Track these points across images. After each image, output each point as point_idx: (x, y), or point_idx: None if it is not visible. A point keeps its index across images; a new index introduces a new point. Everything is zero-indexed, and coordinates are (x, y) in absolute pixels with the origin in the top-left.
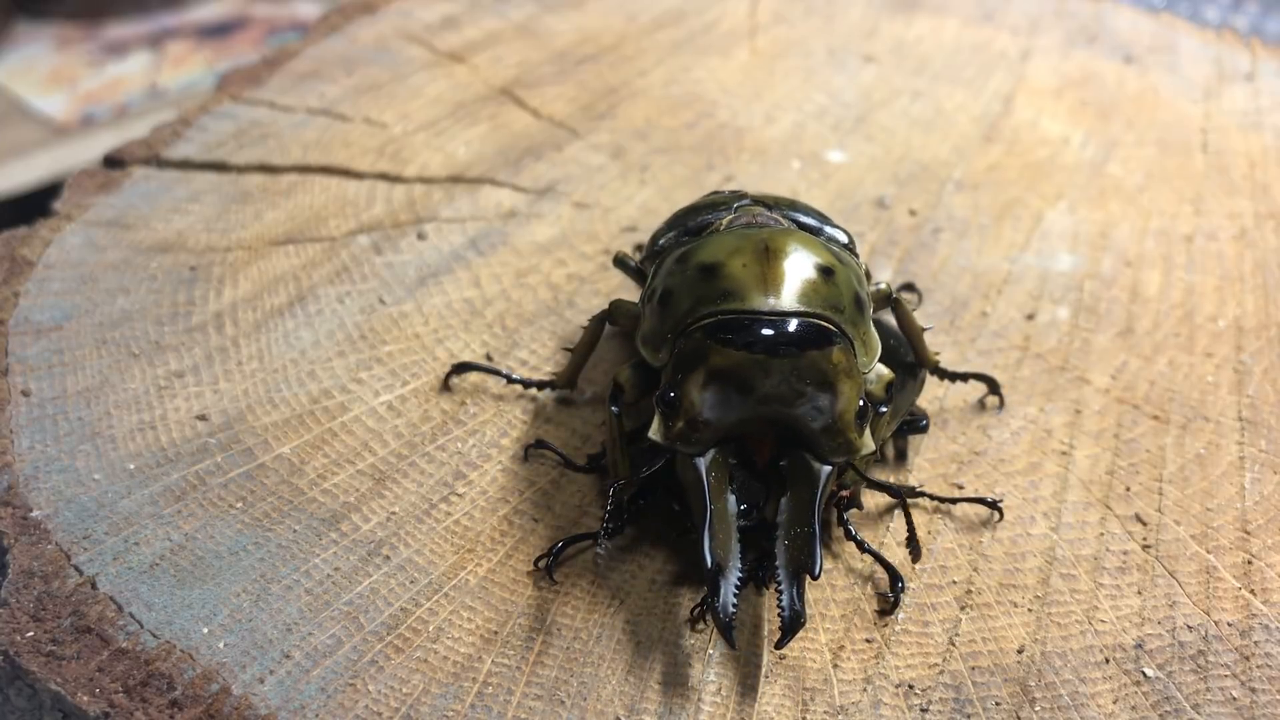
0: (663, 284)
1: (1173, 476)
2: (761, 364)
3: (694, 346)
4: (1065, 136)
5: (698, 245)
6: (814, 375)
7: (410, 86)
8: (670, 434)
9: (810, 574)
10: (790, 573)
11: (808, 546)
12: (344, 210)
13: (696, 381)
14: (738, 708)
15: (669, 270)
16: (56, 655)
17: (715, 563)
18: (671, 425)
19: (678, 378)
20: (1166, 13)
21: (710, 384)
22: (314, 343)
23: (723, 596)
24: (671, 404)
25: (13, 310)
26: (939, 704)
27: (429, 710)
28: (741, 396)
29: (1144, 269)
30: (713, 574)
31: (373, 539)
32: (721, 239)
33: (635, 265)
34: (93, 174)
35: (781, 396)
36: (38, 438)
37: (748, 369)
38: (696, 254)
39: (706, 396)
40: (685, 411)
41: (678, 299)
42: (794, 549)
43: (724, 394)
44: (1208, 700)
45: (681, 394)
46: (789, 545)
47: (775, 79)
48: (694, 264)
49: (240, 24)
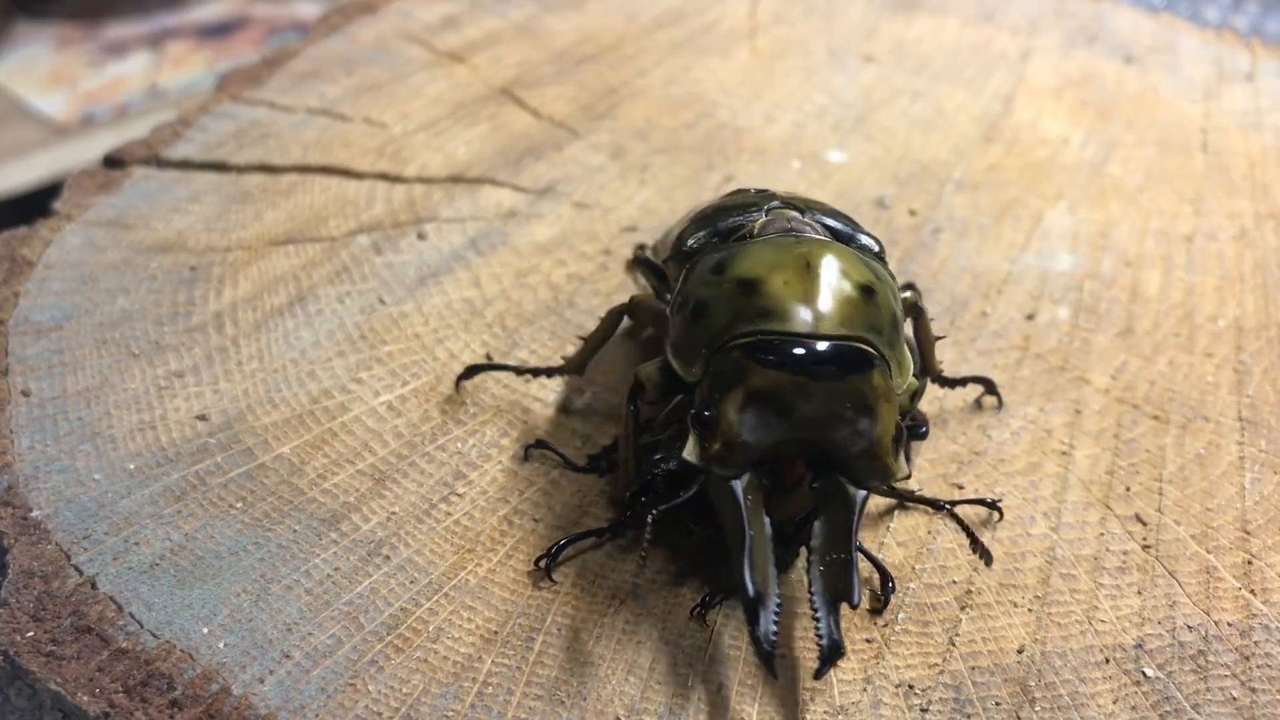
0: (697, 294)
1: (1173, 476)
2: (802, 387)
3: (733, 366)
4: (1065, 136)
5: (734, 255)
6: (854, 399)
7: (410, 86)
8: (706, 455)
9: (849, 603)
10: (827, 600)
11: (845, 574)
12: (344, 210)
13: (735, 402)
14: (737, 708)
15: (703, 279)
16: (56, 655)
17: (756, 591)
18: (708, 446)
19: (715, 397)
20: (1166, 13)
21: (749, 406)
22: (314, 343)
23: (763, 626)
24: (708, 424)
25: (13, 310)
26: (939, 704)
27: (429, 710)
28: (781, 419)
29: (1144, 269)
30: (753, 602)
31: (373, 539)
32: (760, 250)
33: (658, 263)
34: (93, 174)
35: (821, 420)
36: (38, 438)
37: (788, 392)
38: (734, 266)
39: (745, 418)
40: (723, 433)
41: (714, 313)
42: (831, 576)
43: (763, 416)
44: (1208, 700)
45: (719, 414)
46: (825, 572)
47: (775, 79)
48: (732, 277)
49: (240, 24)
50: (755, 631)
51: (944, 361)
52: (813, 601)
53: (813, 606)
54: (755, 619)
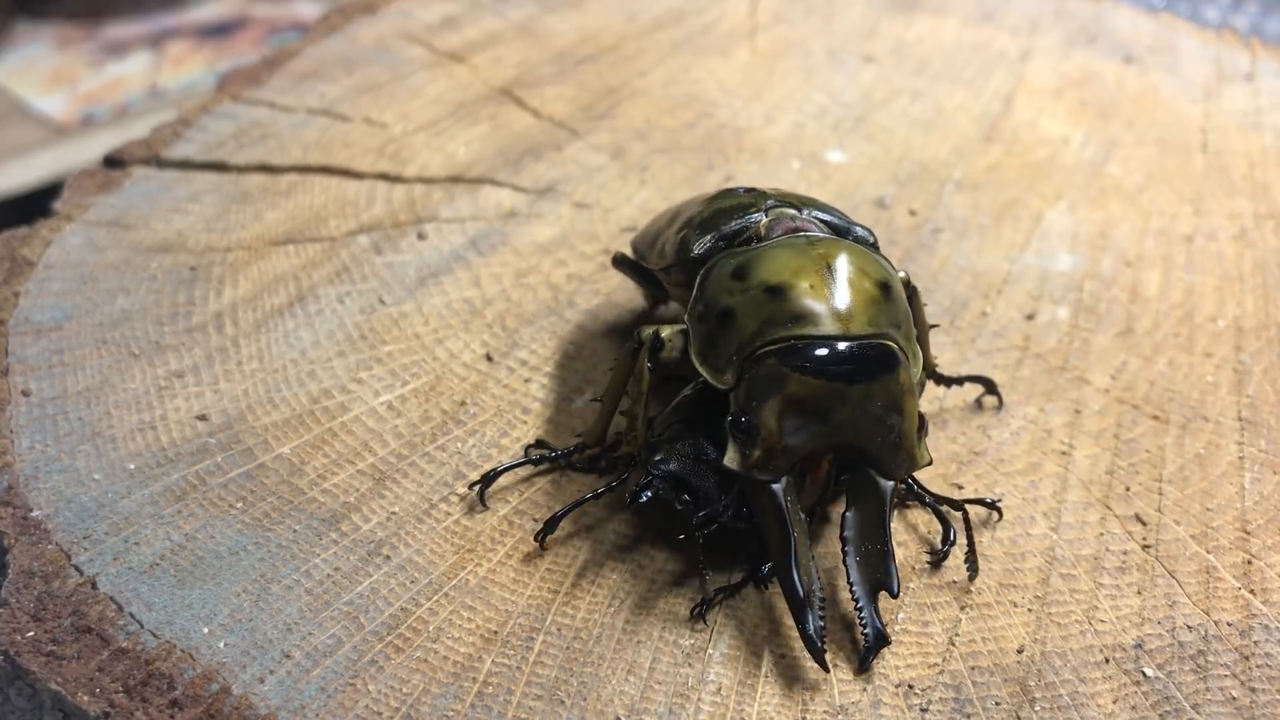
0: (721, 302)
1: (1172, 476)
2: (839, 392)
3: (769, 373)
4: (1065, 136)
5: (754, 260)
6: (885, 398)
7: (410, 86)
8: (748, 462)
9: (890, 592)
10: (868, 591)
11: (884, 565)
12: (344, 210)
13: (774, 409)
14: (737, 708)
15: (725, 287)
16: (57, 655)
17: (805, 592)
18: (749, 453)
19: (752, 405)
20: (1166, 13)
21: (789, 412)
22: (314, 343)
23: (812, 625)
24: (748, 431)
25: (13, 310)
26: (939, 704)
27: (429, 710)
28: (819, 424)
29: (1144, 269)
30: (802, 603)
31: (373, 539)
32: (779, 254)
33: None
34: (93, 174)
35: (856, 422)
36: (38, 438)
37: (826, 397)
38: (756, 271)
39: (786, 425)
40: (764, 440)
41: (742, 320)
42: (869, 567)
43: (803, 422)
44: (1207, 700)
45: (759, 422)
46: (862, 563)
47: (775, 79)
48: (757, 283)
49: (240, 24)
50: (806, 631)
51: (945, 361)
52: (853, 592)
53: (854, 597)
54: (805, 619)
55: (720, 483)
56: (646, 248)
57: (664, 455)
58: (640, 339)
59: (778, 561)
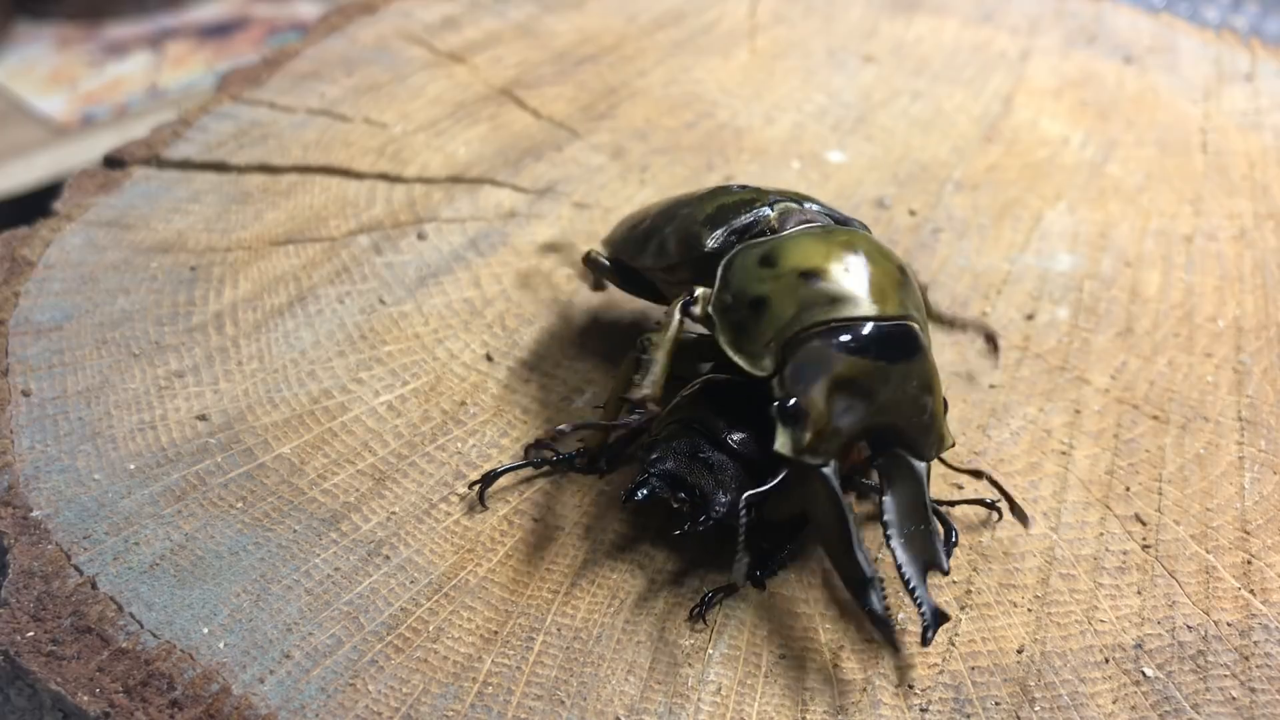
0: (753, 290)
1: (1172, 476)
2: (883, 371)
3: (815, 355)
4: (1065, 136)
5: (780, 248)
6: (920, 378)
7: (410, 87)
8: (800, 446)
9: (941, 570)
10: (919, 571)
11: (931, 544)
12: (344, 210)
13: (822, 391)
14: (737, 708)
15: (754, 275)
16: (57, 655)
17: (872, 572)
18: (800, 437)
19: (800, 387)
20: (1166, 13)
21: (837, 393)
22: (314, 343)
23: (878, 604)
24: (797, 415)
25: (13, 310)
26: (939, 704)
27: (429, 710)
28: (865, 404)
29: (1143, 269)
30: (869, 583)
31: (373, 539)
32: (804, 241)
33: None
34: (93, 174)
35: (898, 402)
36: (38, 438)
37: (871, 377)
38: (785, 258)
39: (835, 406)
40: (814, 423)
41: (777, 306)
42: (916, 548)
43: (850, 403)
44: (1207, 700)
45: (808, 404)
46: (908, 544)
47: (775, 79)
48: (788, 269)
49: (240, 24)
50: (874, 610)
51: (944, 361)
52: (903, 574)
53: (905, 579)
54: (870, 599)
55: (718, 482)
56: (634, 248)
57: (661, 454)
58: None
59: (836, 544)
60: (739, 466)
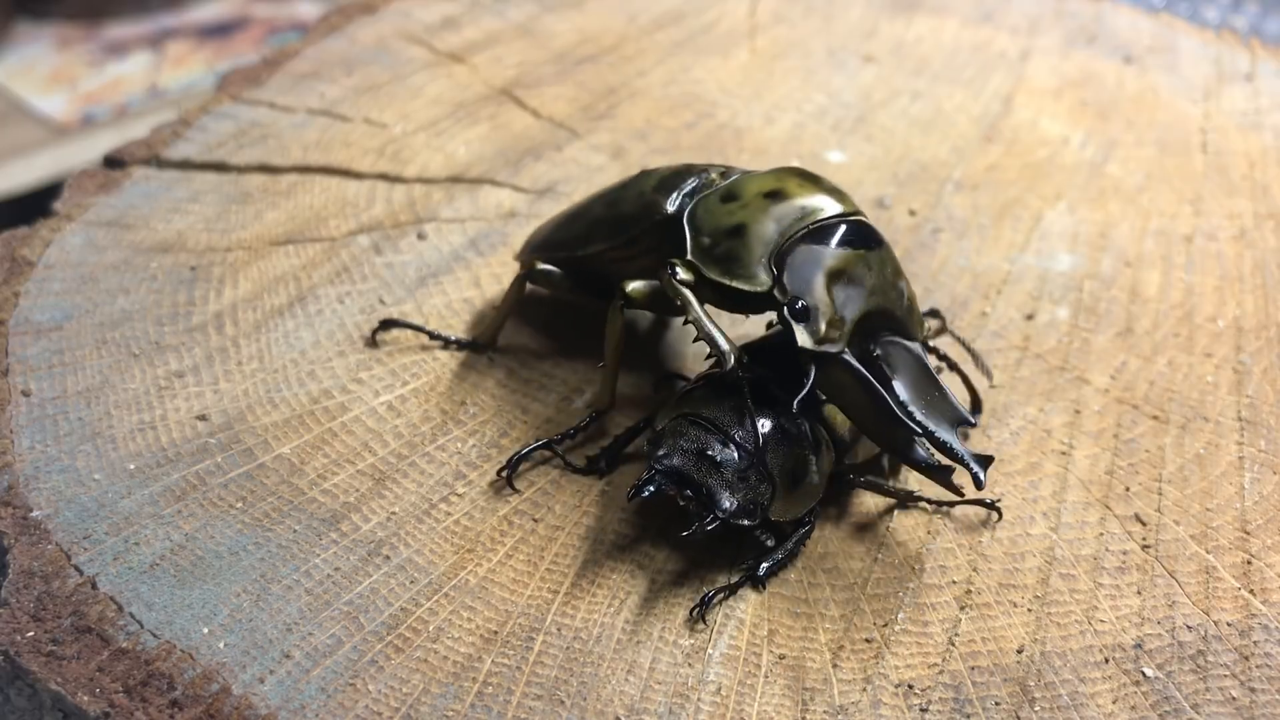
0: (726, 223)
1: (1172, 476)
2: (865, 259)
3: (807, 256)
4: (1065, 136)
5: (736, 184)
6: (892, 264)
7: (410, 87)
8: (819, 337)
9: (969, 422)
10: (949, 428)
11: (951, 404)
12: (344, 210)
13: (822, 284)
14: (737, 708)
15: (723, 212)
16: (57, 655)
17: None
18: (816, 329)
19: (802, 286)
20: (1166, 13)
21: (834, 282)
22: (314, 343)
23: (928, 456)
24: (807, 311)
25: (13, 310)
26: (938, 704)
27: (429, 710)
28: (859, 289)
29: (1143, 269)
30: (915, 440)
31: (373, 539)
32: (755, 176)
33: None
34: (93, 174)
35: (881, 287)
36: (38, 438)
37: (858, 265)
38: (745, 189)
39: (836, 293)
40: (823, 314)
41: (756, 227)
42: (940, 411)
43: (847, 291)
44: (1207, 700)
45: (815, 299)
46: (930, 411)
47: (775, 79)
48: (752, 195)
49: (240, 24)
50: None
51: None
52: (937, 436)
53: (940, 441)
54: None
55: (724, 480)
56: (580, 240)
57: (666, 450)
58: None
59: (876, 415)
60: (747, 465)
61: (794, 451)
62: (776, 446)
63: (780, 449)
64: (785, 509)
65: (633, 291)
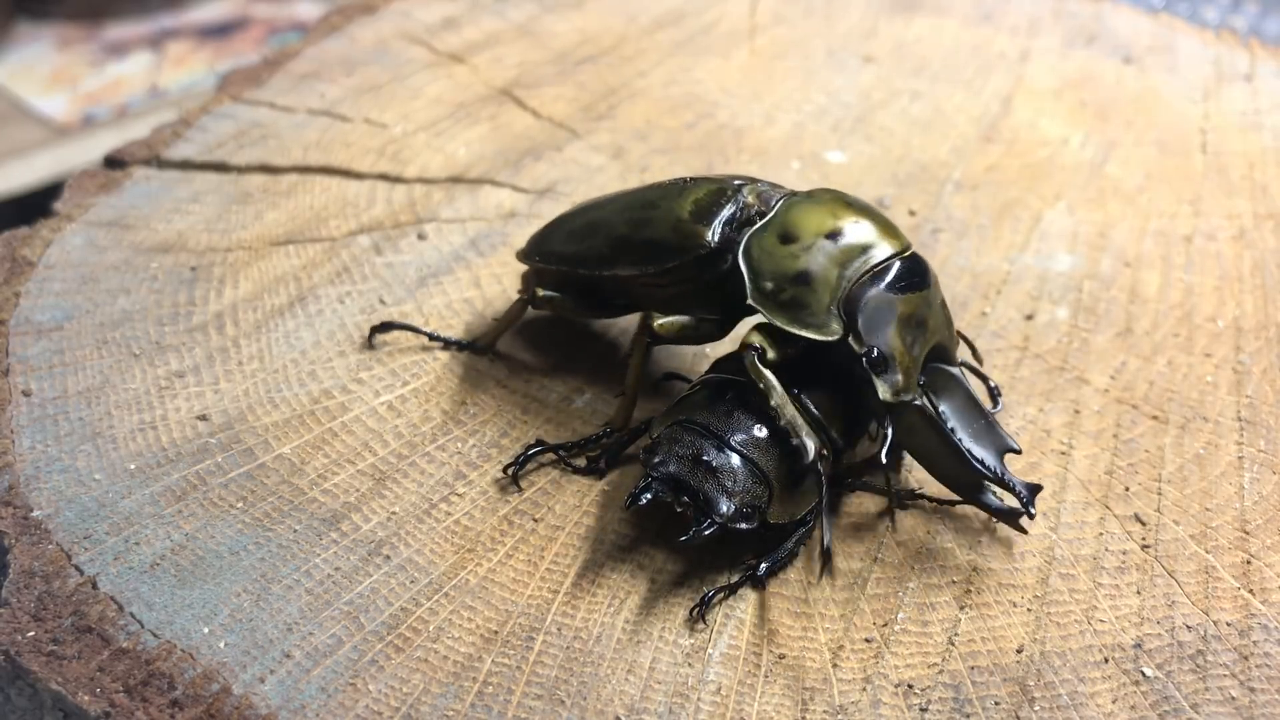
0: (789, 269)
1: (1171, 476)
2: (926, 298)
3: (876, 303)
4: (1064, 137)
5: (792, 222)
6: (941, 295)
7: (410, 87)
8: (899, 388)
9: (1014, 450)
10: (997, 456)
11: (996, 432)
12: (344, 211)
13: (895, 331)
14: (737, 708)
15: (782, 254)
16: (57, 655)
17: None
18: (895, 380)
19: (875, 336)
20: (1165, 13)
21: (904, 329)
22: (314, 343)
23: (995, 499)
24: (885, 362)
25: (13, 310)
26: (938, 704)
27: (429, 710)
28: (924, 331)
29: (1143, 269)
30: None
31: (373, 539)
32: (804, 208)
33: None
34: (93, 174)
35: (940, 324)
36: (38, 438)
37: (921, 305)
38: (801, 228)
39: (906, 338)
40: (900, 362)
41: (821, 273)
42: (987, 440)
43: (914, 331)
44: (1207, 700)
45: (889, 348)
46: (978, 439)
47: (775, 79)
48: (811, 234)
49: (240, 24)
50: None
51: None
52: (986, 466)
53: (990, 470)
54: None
55: (721, 486)
56: (599, 260)
57: (663, 457)
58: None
59: (948, 459)
60: (743, 469)
61: (790, 454)
62: (772, 449)
63: (776, 451)
64: (783, 511)
65: (661, 328)
